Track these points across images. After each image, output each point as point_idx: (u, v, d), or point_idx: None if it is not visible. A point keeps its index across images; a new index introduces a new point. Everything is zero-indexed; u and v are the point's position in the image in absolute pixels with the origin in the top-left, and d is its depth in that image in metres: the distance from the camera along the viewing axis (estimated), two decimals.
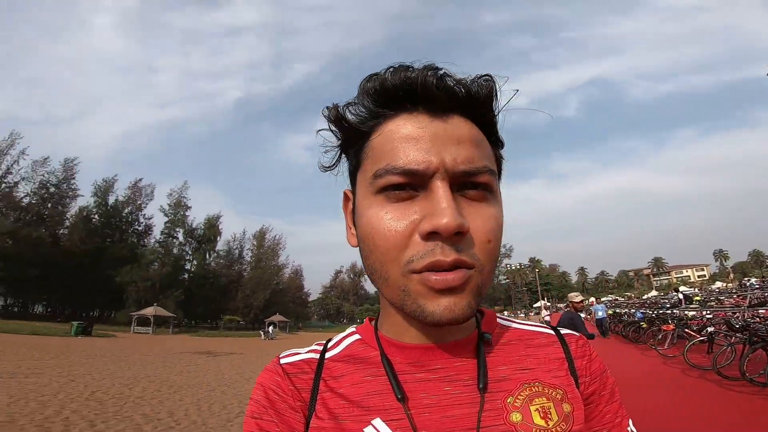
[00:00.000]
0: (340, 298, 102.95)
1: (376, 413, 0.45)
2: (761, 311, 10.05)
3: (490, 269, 0.45)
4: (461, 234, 0.41)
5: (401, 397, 0.45)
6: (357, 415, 0.46)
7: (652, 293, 57.21)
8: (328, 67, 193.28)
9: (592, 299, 25.40)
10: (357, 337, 0.56)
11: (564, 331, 0.57)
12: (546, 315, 26.75)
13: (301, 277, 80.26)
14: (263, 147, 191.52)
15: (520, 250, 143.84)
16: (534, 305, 67.19)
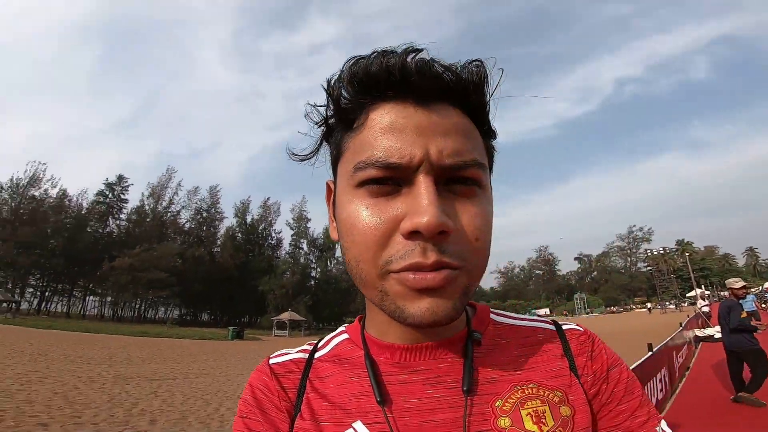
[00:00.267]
0: None
1: (358, 416, 0.44)
2: None
3: (479, 269, 0.42)
4: (445, 233, 0.38)
5: (381, 399, 0.43)
6: (338, 417, 0.44)
7: None
8: None
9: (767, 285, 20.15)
10: (345, 337, 0.54)
11: (566, 326, 0.52)
12: (703, 305, 22.10)
13: None
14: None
15: (665, 231, 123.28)
16: (687, 295, 56.54)
